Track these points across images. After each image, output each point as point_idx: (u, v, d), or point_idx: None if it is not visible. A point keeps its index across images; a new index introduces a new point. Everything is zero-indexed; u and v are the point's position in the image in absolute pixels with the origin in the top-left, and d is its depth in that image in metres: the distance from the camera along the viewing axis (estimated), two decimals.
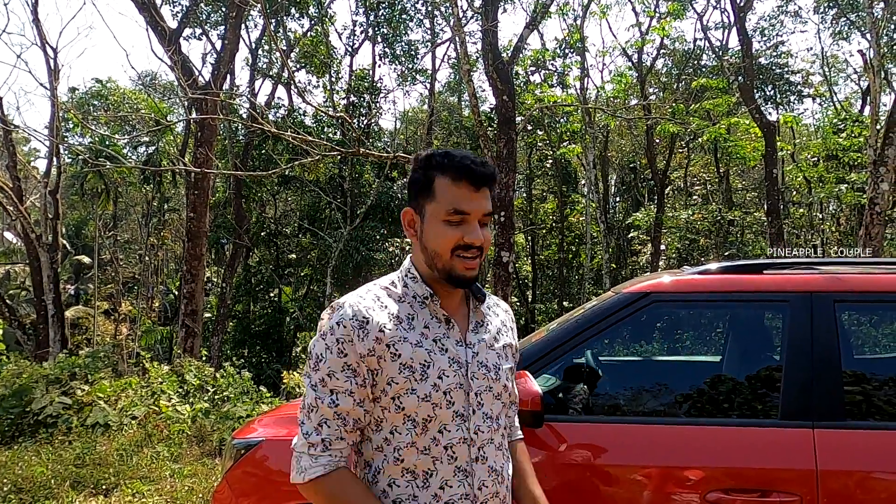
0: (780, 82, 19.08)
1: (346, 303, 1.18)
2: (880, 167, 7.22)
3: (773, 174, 11.29)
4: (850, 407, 1.82)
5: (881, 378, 2.07)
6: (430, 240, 1.19)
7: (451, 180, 1.17)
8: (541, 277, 21.36)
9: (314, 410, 1.15)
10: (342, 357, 1.13)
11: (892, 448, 1.72)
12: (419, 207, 1.21)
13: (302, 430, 1.16)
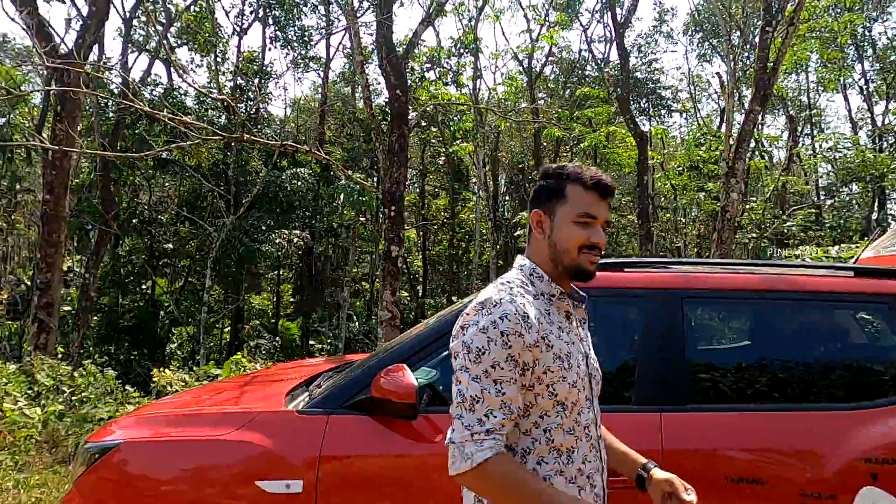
0: (652, 96, 20.74)
1: (501, 299, 1.25)
2: (731, 179, 8.08)
3: (645, 181, 12.26)
4: (693, 393, 2.02)
5: (722, 367, 2.30)
6: (561, 238, 1.35)
7: (584, 188, 1.35)
8: (431, 272, 21.64)
9: (479, 402, 1.20)
10: (507, 349, 1.21)
11: (729, 427, 1.93)
12: (549, 210, 1.37)
13: (463, 423, 1.20)
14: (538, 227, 1.39)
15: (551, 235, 1.37)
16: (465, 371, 1.23)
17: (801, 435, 1.87)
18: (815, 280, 2.09)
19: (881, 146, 23.45)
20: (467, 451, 1.19)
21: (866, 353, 2.14)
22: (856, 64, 25.23)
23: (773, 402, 2.01)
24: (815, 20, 12.69)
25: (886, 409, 1.88)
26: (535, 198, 1.42)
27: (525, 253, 1.47)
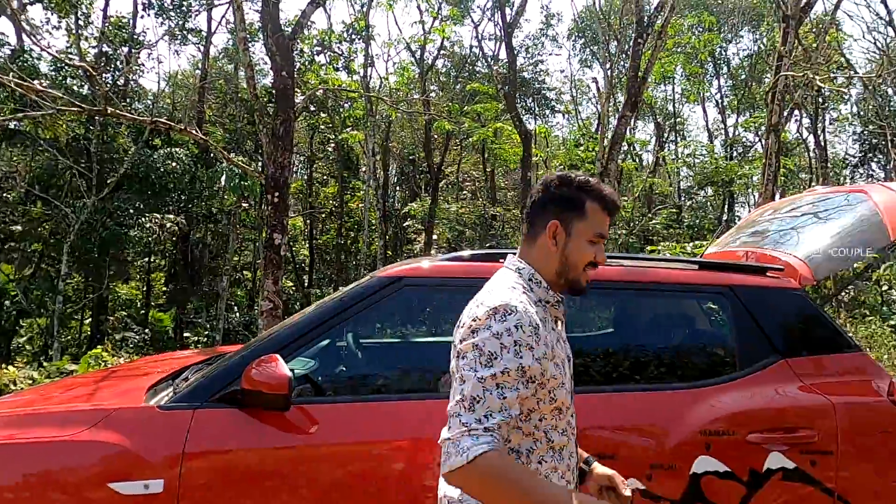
0: (538, 96, 21.67)
1: (515, 307, 1.26)
2: (604, 178, 8.67)
3: (528, 177, 12.82)
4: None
5: (585, 352, 2.45)
6: (573, 253, 1.39)
7: (602, 208, 1.39)
8: (318, 262, 21.15)
9: (479, 402, 1.19)
10: (518, 358, 1.22)
11: (589, 408, 2.06)
12: (567, 223, 1.38)
13: (460, 420, 1.18)
14: (552, 237, 1.39)
15: (565, 249, 1.38)
16: (471, 371, 1.22)
17: (649, 413, 2.06)
18: (665, 272, 2.31)
19: (731, 154, 26.28)
20: (462, 446, 1.16)
21: (707, 338, 2.40)
22: (713, 80, 28.03)
23: (628, 384, 2.20)
24: (680, 37, 13.94)
25: (720, 386, 2.12)
26: (552, 206, 1.40)
27: (520, 255, 1.46)
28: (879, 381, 2.18)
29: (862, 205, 2.49)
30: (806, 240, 2.57)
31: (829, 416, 2.05)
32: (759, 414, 2.06)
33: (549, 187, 1.43)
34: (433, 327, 3.41)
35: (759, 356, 2.18)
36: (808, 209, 2.81)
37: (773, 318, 2.23)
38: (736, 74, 26.90)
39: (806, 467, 1.99)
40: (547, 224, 1.39)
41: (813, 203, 2.83)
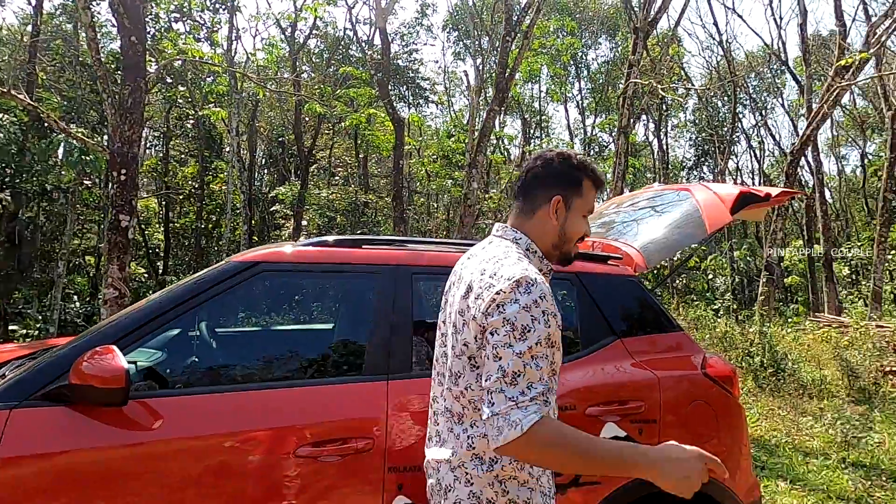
0: (412, 85, 21.76)
1: (535, 278, 1.29)
2: (473, 169, 8.95)
3: (400, 165, 12.87)
4: (417, 361, 2.20)
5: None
6: (572, 227, 1.47)
7: (594, 185, 1.49)
8: (175, 247, 19.62)
9: (520, 376, 1.21)
10: (547, 328, 1.26)
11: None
12: (567, 199, 1.46)
13: (505, 395, 1.20)
14: (554, 211, 1.45)
15: (565, 223, 1.47)
16: (507, 348, 1.24)
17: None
18: None
19: (589, 152, 28.34)
20: (514, 419, 1.19)
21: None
22: (575, 82, 30.01)
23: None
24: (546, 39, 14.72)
25: (565, 365, 2.28)
26: (553, 181, 1.46)
27: (514, 224, 1.50)
28: (695, 357, 2.48)
29: (687, 202, 2.82)
30: (642, 231, 2.86)
31: (654, 388, 2.31)
32: (597, 389, 2.26)
33: (551, 162, 1.48)
34: (294, 314, 3.32)
35: (599, 337, 2.39)
36: (646, 204, 3.12)
37: (611, 303, 2.45)
38: (595, 78, 29.02)
39: (634, 435, 2.22)
40: (551, 198, 1.46)
41: (650, 199, 3.14)
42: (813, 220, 18.62)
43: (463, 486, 1.40)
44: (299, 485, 1.87)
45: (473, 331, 1.35)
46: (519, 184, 1.54)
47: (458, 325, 1.41)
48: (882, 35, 10.08)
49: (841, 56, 10.71)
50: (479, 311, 1.33)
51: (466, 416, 1.43)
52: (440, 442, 1.50)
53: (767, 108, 29.42)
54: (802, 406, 6.08)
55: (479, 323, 1.32)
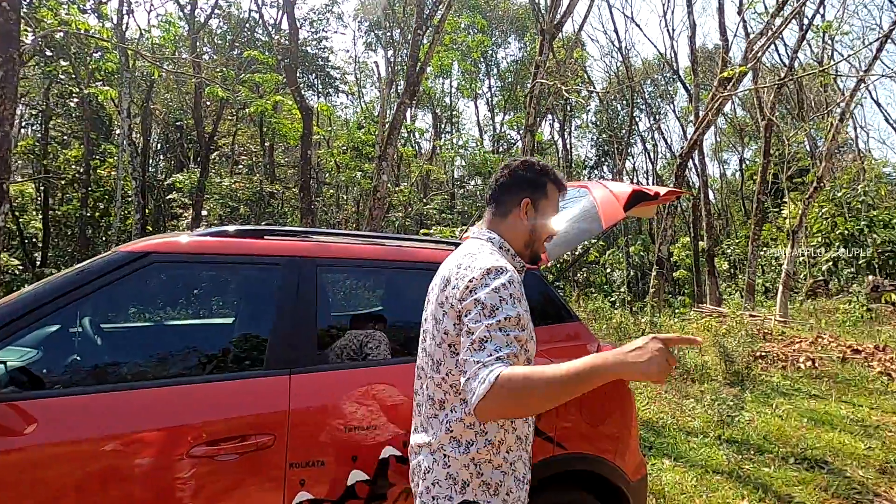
0: (321, 73, 21.23)
1: (504, 266, 1.45)
2: (383, 162, 8.90)
3: (308, 155, 12.52)
4: (322, 353, 2.17)
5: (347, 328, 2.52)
6: (541, 227, 1.63)
7: (557, 189, 1.67)
8: (56, 237, 17.96)
9: (488, 341, 1.33)
10: (514, 308, 1.39)
11: (351, 380, 2.12)
12: (535, 201, 1.62)
13: (473, 360, 1.32)
14: (524, 212, 1.61)
15: (534, 223, 1.62)
16: (477, 323, 1.37)
17: (408, 384, 2.19)
18: (426, 252, 2.46)
19: (498, 149, 29.01)
20: (481, 376, 1.28)
21: None
22: (485, 79, 30.57)
23: (386, 358, 2.31)
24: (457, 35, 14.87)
25: None
26: (520, 187, 1.62)
27: (488, 227, 1.65)
28: (591, 345, 2.62)
29: (585, 198, 2.96)
30: None
31: None
32: None
33: (517, 171, 1.64)
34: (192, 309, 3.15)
35: None
36: None
37: None
38: (504, 77, 29.71)
39: (535, 420, 2.32)
40: (520, 201, 1.61)
41: None
42: (698, 219, 20.18)
43: (441, 468, 1.49)
44: (194, 486, 1.79)
45: (452, 318, 1.48)
46: (490, 192, 1.70)
47: (437, 316, 1.53)
48: (758, 51, 11.07)
49: (724, 68, 11.67)
50: (455, 299, 1.46)
51: (448, 401, 1.52)
52: (423, 429, 1.59)
53: (661, 114, 31.49)
54: (686, 389, 6.59)
55: (456, 309, 1.46)
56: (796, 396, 6.45)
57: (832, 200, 18.92)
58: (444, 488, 1.48)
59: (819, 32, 19.21)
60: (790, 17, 11.43)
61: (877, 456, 4.76)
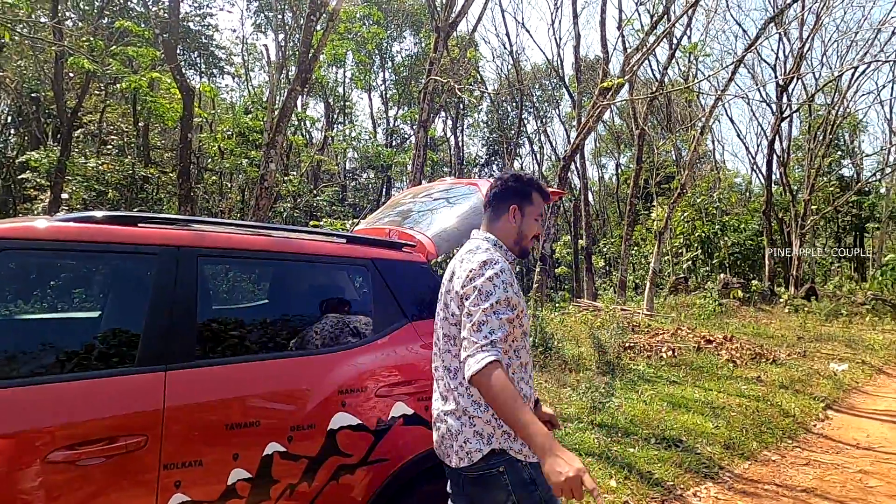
0: (205, 53, 19.94)
1: (497, 258, 1.82)
2: (271, 150, 8.55)
3: (189, 138, 11.72)
4: (202, 348, 2.06)
5: (231, 321, 2.39)
6: (527, 228, 1.98)
7: (542, 196, 2.01)
8: None
9: (485, 325, 1.69)
10: (504, 291, 1.76)
11: (231, 378, 2.03)
12: (521, 207, 1.98)
13: (473, 340, 1.67)
14: (513, 216, 1.96)
15: (521, 225, 1.97)
16: (476, 306, 1.71)
17: (294, 378, 2.15)
18: (315, 244, 2.42)
19: (391, 143, 28.94)
20: (478, 357, 1.63)
21: (352, 306, 2.61)
22: (380, 72, 30.32)
23: (276, 352, 2.24)
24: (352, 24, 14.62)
25: (360, 349, 2.34)
26: (510, 195, 1.98)
27: (485, 228, 2.01)
28: None
29: (475, 195, 3.05)
30: (435, 221, 3.03)
31: None
32: (388, 371, 2.35)
33: (507, 182, 2.01)
34: (50, 301, 2.85)
35: (392, 321, 2.48)
36: (439, 195, 3.31)
37: (403, 288, 2.56)
38: (399, 71, 29.65)
39: (421, 412, 2.36)
40: (508, 207, 1.97)
41: (443, 191, 3.34)
42: (579, 219, 21.47)
43: (468, 429, 1.82)
44: (51, 494, 1.63)
45: (457, 303, 1.83)
46: (486, 200, 2.04)
47: (448, 302, 1.89)
48: (634, 65, 11.97)
49: (604, 79, 12.48)
50: (459, 287, 1.81)
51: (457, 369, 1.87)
52: (444, 399, 1.91)
53: (548, 117, 33.05)
54: (564, 379, 7.01)
55: (460, 295, 1.81)
56: (658, 383, 7.09)
57: (692, 206, 20.93)
58: (474, 444, 1.80)
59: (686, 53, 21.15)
60: (662, 36, 12.47)
61: (722, 434, 5.36)
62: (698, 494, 4.25)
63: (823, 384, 7.69)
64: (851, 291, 18.06)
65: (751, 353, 8.88)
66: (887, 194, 29.48)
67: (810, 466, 4.95)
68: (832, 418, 6.47)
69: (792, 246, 19.54)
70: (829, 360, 9.16)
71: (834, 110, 20.65)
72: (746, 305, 15.56)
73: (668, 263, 21.40)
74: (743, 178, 32.56)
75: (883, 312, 14.84)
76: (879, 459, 5.13)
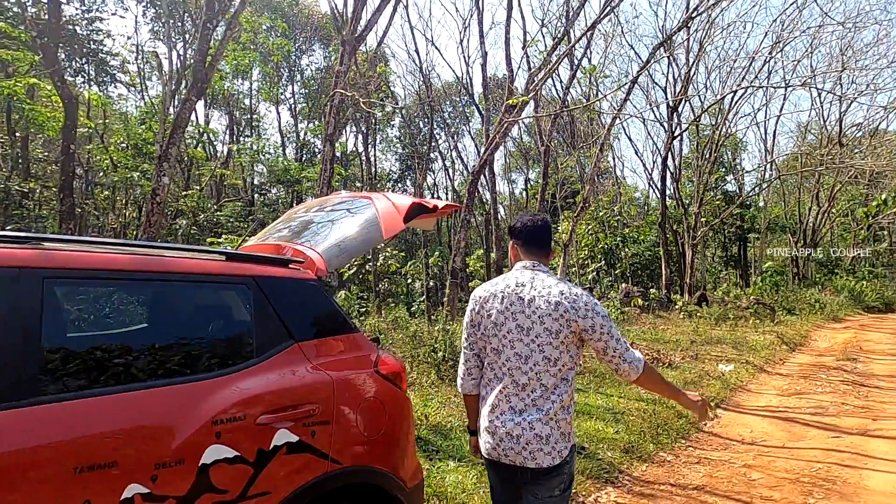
0: (95, 59, 18.57)
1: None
2: (164, 163, 8.05)
3: (72, 149, 10.80)
4: (47, 383, 1.81)
5: (87, 350, 2.10)
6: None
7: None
8: None
9: (623, 337, 2.18)
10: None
11: (83, 416, 1.80)
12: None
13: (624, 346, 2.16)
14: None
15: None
16: (613, 327, 2.15)
17: (159, 410, 1.95)
18: (188, 262, 2.23)
19: (302, 157, 28.28)
20: (636, 356, 2.16)
21: (229, 329, 2.41)
22: (288, 84, 29.63)
23: (136, 383, 2.01)
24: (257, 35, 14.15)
25: (237, 374, 2.17)
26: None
27: (545, 263, 2.33)
28: (370, 356, 2.62)
29: (368, 209, 2.97)
30: (327, 236, 2.91)
31: (328, 390, 2.35)
32: (269, 396, 2.19)
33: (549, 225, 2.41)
34: None
35: (276, 342, 2.33)
36: (333, 210, 3.19)
37: (289, 307, 2.42)
38: (308, 84, 29.10)
39: (307, 438, 2.23)
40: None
41: (338, 204, 3.23)
42: (490, 232, 21.87)
43: (556, 431, 2.14)
44: None
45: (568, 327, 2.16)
46: (542, 238, 2.34)
47: (551, 328, 2.16)
48: (537, 84, 12.41)
49: (509, 96, 12.84)
50: (577, 317, 2.15)
51: (558, 385, 2.16)
52: (534, 409, 2.15)
53: (459, 133, 33.60)
54: None
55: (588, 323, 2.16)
56: None
57: (596, 219, 21.95)
58: (560, 443, 2.14)
59: (587, 73, 22.29)
60: (563, 56, 13.04)
61: (622, 438, 5.55)
62: (599, 500, 4.35)
63: (713, 384, 8.21)
64: (737, 297, 19.56)
65: (649, 359, 9.34)
66: (765, 207, 32.42)
67: (701, 464, 5.22)
68: (721, 416, 6.90)
69: (685, 256, 20.94)
70: (718, 362, 9.81)
71: (718, 131, 22.46)
72: (646, 313, 16.43)
73: (575, 275, 22.27)
74: (642, 193, 34.67)
75: (763, 315, 16.17)
76: (762, 453, 5.50)
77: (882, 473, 4.96)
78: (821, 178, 27.94)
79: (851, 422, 6.56)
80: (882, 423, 6.45)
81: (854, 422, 6.55)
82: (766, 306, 17.07)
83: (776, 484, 4.72)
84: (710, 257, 31.88)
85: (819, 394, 8.01)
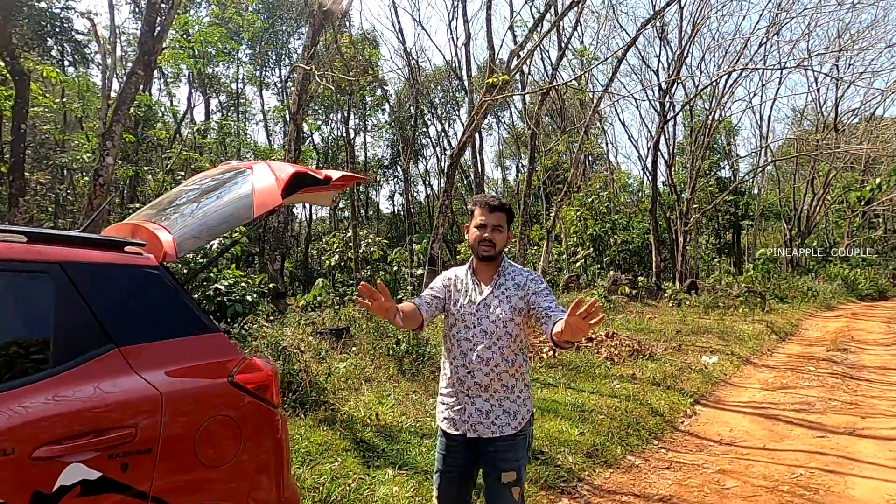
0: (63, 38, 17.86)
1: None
2: (108, 141, 7.48)
3: (23, 130, 10.19)
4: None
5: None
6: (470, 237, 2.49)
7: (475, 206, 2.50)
8: None
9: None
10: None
11: None
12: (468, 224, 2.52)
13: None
14: (466, 232, 2.53)
15: (468, 236, 2.50)
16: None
17: None
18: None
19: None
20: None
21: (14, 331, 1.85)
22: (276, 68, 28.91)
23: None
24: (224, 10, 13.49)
25: (11, 393, 1.64)
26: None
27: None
28: (226, 363, 2.09)
29: (246, 181, 2.43)
30: (190, 214, 2.38)
31: (155, 408, 1.83)
32: (56, 421, 1.67)
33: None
34: None
35: (85, 347, 1.81)
36: (210, 182, 2.66)
37: (111, 301, 1.90)
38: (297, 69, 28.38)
39: (114, 474, 1.71)
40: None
41: (216, 176, 2.69)
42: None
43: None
44: None
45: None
46: None
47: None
48: (520, 62, 11.81)
49: (490, 75, 12.23)
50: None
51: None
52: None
53: (451, 119, 32.90)
54: (434, 388, 6.52)
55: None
56: (534, 386, 6.78)
57: (584, 205, 21.41)
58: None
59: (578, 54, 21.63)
60: (549, 30, 12.42)
61: (587, 440, 5.06)
62: None
63: (694, 378, 7.74)
64: (729, 284, 19.10)
65: (629, 350, 8.86)
66: (759, 194, 31.91)
67: (671, 470, 4.74)
68: (700, 413, 6.43)
69: (677, 243, 20.44)
70: (702, 353, 9.34)
71: (711, 115, 21.87)
72: (634, 301, 15.96)
73: (565, 262, 21.76)
74: (635, 179, 34.10)
75: (754, 304, 15.71)
76: (739, 456, 5.03)
77: (869, 480, 4.50)
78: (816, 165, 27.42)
79: (838, 419, 6.10)
80: (871, 422, 5.99)
81: (841, 419, 6.09)
82: (756, 294, 16.62)
83: (752, 494, 4.25)
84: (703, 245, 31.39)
85: (806, 388, 7.55)
